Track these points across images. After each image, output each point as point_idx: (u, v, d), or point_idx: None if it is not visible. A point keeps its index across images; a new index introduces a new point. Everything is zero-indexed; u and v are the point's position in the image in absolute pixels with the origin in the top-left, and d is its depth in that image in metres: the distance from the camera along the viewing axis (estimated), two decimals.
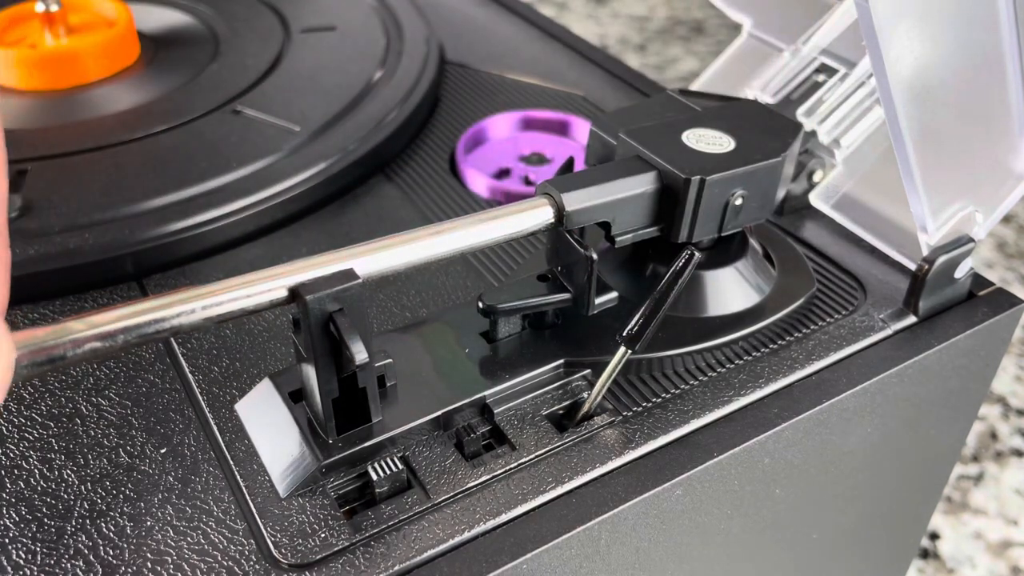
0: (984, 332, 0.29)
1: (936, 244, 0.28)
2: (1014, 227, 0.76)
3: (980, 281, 0.30)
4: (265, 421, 0.24)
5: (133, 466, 0.23)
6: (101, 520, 0.22)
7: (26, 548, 0.21)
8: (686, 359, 0.26)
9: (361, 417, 0.23)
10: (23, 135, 0.36)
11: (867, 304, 0.29)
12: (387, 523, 0.21)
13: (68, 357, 0.18)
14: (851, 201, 0.32)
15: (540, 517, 0.22)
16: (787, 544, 0.30)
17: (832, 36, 0.34)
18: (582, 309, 0.25)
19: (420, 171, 0.36)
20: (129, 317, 0.18)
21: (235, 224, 0.31)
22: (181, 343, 0.27)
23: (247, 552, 0.21)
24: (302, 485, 0.22)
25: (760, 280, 0.28)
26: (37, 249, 0.29)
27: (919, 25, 0.24)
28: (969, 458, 0.56)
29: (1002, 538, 0.52)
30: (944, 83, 0.25)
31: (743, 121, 0.27)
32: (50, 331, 0.18)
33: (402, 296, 0.29)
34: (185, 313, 0.19)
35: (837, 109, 0.32)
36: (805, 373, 0.26)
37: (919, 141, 0.25)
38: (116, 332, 0.18)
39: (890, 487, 0.32)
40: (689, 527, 0.25)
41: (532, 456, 0.23)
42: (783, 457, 0.26)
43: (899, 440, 0.30)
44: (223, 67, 0.41)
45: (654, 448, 0.24)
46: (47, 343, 0.17)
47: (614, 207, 0.24)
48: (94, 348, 0.18)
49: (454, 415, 0.24)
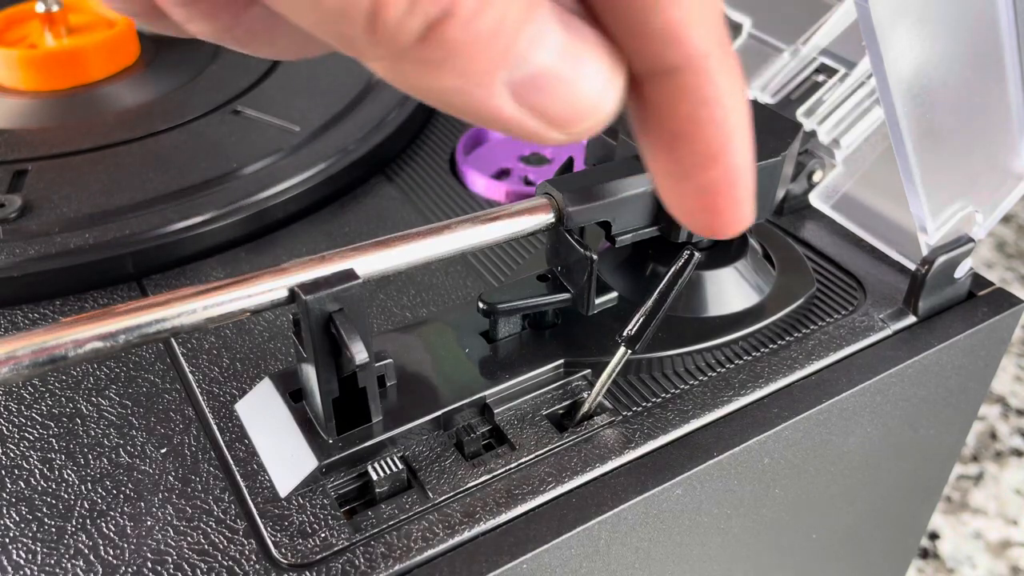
0: (984, 332, 0.29)
1: (936, 244, 0.28)
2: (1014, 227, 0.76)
3: (980, 281, 0.30)
4: (265, 421, 0.24)
5: (133, 466, 0.23)
6: (101, 520, 0.22)
7: (26, 548, 0.21)
8: (686, 359, 0.26)
9: (361, 417, 0.23)
10: (23, 135, 0.36)
11: (867, 304, 0.29)
12: (387, 523, 0.22)
13: (69, 357, 0.18)
14: (851, 201, 0.32)
15: (540, 517, 0.22)
16: (787, 544, 0.30)
17: (832, 36, 0.34)
18: (582, 309, 0.25)
19: (420, 171, 0.36)
20: (130, 317, 0.18)
21: (235, 224, 0.31)
22: (181, 343, 0.27)
23: (247, 552, 0.21)
24: (302, 485, 0.22)
25: (760, 280, 0.28)
26: (37, 249, 0.29)
27: (919, 25, 0.24)
28: (969, 458, 0.56)
29: (1002, 538, 0.52)
30: (944, 83, 0.25)
31: None
32: (51, 331, 0.18)
33: (402, 296, 0.29)
34: (186, 313, 0.19)
35: (837, 109, 0.32)
36: (805, 373, 0.26)
37: (919, 141, 0.25)
38: (117, 332, 0.18)
39: (890, 487, 0.32)
40: (689, 527, 0.25)
41: (532, 456, 0.23)
42: (783, 457, 0.26)
43: (899, 440, 0.30)
44: (223, 67, 0.41)
45: (654, 448, 0.24)
46: (48, 343, 0.17)
47: (614, 207, 0.24)
48: (95, 348, 0.18)
49: (454, 415, 0.24)
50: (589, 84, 0.17)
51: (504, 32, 0.16)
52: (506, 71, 0.16)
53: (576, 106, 0.17)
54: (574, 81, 0.17)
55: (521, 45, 0.16)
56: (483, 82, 0.16)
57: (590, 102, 0.17)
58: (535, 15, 0.16)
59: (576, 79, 0.17)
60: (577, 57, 0.17)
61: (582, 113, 0.17)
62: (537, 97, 0.17)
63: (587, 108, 0.17)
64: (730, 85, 0.18)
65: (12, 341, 0.17)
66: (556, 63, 0.16)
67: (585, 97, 0.17)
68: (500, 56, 0.16)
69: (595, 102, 0.17)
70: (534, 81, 0.16)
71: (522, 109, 0.17)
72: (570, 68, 0.17)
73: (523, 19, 0.16)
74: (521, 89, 0.16)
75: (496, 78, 0.16)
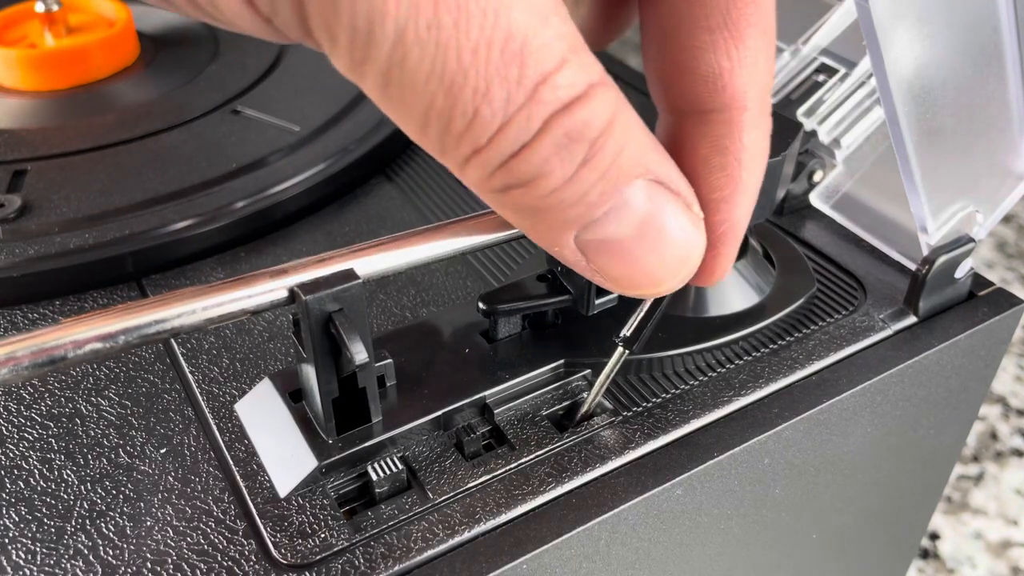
0: (984, 332, 0.29)
1: (936, 244, 0.28)
2: (1014, 227, 0.76)
3: (980, 281, 0.30)
4: (265, 421, 0.24)
5: (133, 466, 0.23)
6: (101, 520, 0.22)
7: (26, 548, 0.21)
8: (686, 359, 0.26)
9: (361, 417, 0.23)
10: (23, 135, 0.36)
11: (867, 304, 0.29)
12: (387, 523, 0.21)
13: (69, 358, 0.18)
14: (851, 201, 0.32)
15: (540, 517, 0.22)
16: (787, 544, 0.30)
17: (832, 36, 0.34)
18: (582, 310, 0.25)
19: (420, 171, 0.36)
20: (129, 318, 0.18)
21: (235, 224, 0.31)
22: (181, 343, 0.27)
23: (247, 552, 0.21)
24: (302, 485, 0.22)
25: (760, 280, 0.28)
26: (37, 249, 0.29)
27: (919, 25, 0.24)
28: (969, 458, 0.56)
29: (1002, 538, 0.52)
30: (944, 83, 0.25)
31: None
32: (50, 331, 0.18)
33: (402, 296, 0.29)
34: (186, 314, 0.19)
35: (837, 109, 0.32)
36: (805, 373, 0.26)
37: (919, 141, 0.25)
38: (117, 333, 0.18)
39: (890, 487, 0.32)
40: (689, 527, 0.25)
41: (532, 456, 0.23)
42: (783, 457, 0.26)
43: (899, 440, 0.30)
44: (223, 67, 0.41)
45: (654, 448, 0.24)
46: (47, 344, 0.17)
47: None
48: (95, 349, 0.18)
49: (454, 415, 0.24)
50: (658, 263, 0.17)
51: (585, 203, 0.15)
52: (577, 231, 0.16)
53: (637, 280, 0.17)
54: (642, 259, 0.16)
55: (597, 214, 0.16)
56: (551, 229, 0.16)
57: (654, 278, 0.17)
58: (621, 185, 0.16)
59: (645, 257, 0.16)
60: (656, 235, 0.16)
61: (642, 285, 0.17)
62: (602, 261, 0.16)
63: (649, 283, 0.17)
64: (754, 144, 0.18)
65: (11, 342, 0.17)
66: (629, 238, 0.16)
67: (651, 274, 0.17)
68: (572, 222, 0.16)
69: (659, 279, 0.17)
70: (604, 246, 0.16)
71: (587, 263, 0.16)
72: (643, 246, 0.16)
73: (609, 192, 0.15)
74: (589, 249, 0.16)
75: (565, 234, 0.16)
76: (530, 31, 0.14)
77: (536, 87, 0.14)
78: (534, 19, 0.14)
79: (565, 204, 0.15)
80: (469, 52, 0.14)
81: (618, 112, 0.15)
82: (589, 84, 0.15)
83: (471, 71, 0.14)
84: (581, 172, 0.15)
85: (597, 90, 0.15)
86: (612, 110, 0.15)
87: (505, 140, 0.15)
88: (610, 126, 0.15)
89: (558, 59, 0.14)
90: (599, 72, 0.15)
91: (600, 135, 0.15)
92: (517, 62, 0.14)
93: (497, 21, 0.14)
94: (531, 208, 0.16)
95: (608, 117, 0.15)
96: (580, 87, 0.15)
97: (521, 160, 0.15)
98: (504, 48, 0.14)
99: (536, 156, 0.15)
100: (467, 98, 0.14)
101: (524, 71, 0.14)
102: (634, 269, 0.16)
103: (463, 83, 0.14)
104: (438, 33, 0.13)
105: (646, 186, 0.16)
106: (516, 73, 0.14)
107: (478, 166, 0.15)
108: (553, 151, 0.15)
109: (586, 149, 0.15)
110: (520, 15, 0.14)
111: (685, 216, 0.17)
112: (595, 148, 0.15)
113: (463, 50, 0.14)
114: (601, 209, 0.16)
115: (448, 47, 0.14)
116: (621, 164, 0.15)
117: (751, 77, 0.17)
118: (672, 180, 0.16)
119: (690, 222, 0.17)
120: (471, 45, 0.14)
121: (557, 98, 0.14)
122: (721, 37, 0.17)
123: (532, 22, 0.14)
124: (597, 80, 0.15)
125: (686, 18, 0.17)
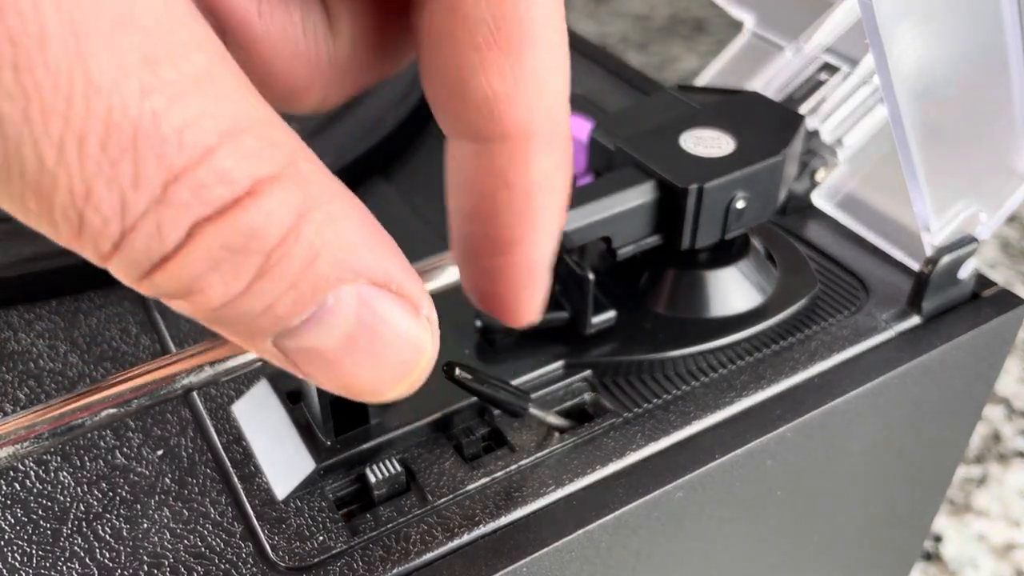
0: (988, 333, 0.29)
1: (940, 244, 0.28)
2: (1018, 227, 0.75)
3: (984, 282, 0.30)
4: (262, 423, 0.24)
5: (129, 468, 0.23)
6: (97, 522, 0.22)
7: (22, 551, 0.21)
8: (687, 360, 0.26)
9: (359, 419, 0.23)
10: None
11: (870, 304, 0.28)
12: (386, 526, 0.21)
13: (86, 425, 0.17)
14: (854, 201, 0.32)
15: (540, 520, 0.22)
16: (789, 547, 0.29)
17: (835, 34, 0.34)
18: (580, 328, 0.25)
19: (420, 171, 0.35)
20: (143, 380, 0.18)
21: None
22: (177, 343, 0.27)
23: (244, 555, 0.21)
24: (300, 487, 0.22)
25: (762, 280, 0.28)
26: (36, 249, 0.29)
27: (922, 23, 0.23)
28: (972, 460, 0.56)
29: (1006, 540, 0.51)
30: (948, 81, 0.25)
31: (744, 116, 0.27)
32: (67, 402, 0.17)
33: None
34: (195, 371, 0.19)
35: (840, 108, 0.32)
36: (808, 374, 0.26)
37: (922, 140, 0.25)
38: (131, 398, 0.18)
39: (893, 489, 0.32)
40: (690, 530, 0.24)
41: (532, 458, 0.23)
42: (785, 459, 0.25)
43: (902, 442, 0.30)
44: None
45: (655, 450, 0.24)
46: (65, 412, 0.17)
47: (613, 222, 0.24)
48: (111, 414, 0.18)
49: (453, 417, 0.24)
50: (374, 374, 0.14)
51: (271, 315, 0.12)
52: (271, 339, 0.13)
53: (354, 390, 0.14)
54: (353, 369, 0.14)
55: (291, 324, 0.13)
56: (238, 336, 0.13)
57: (371, 389, 0.14)
58: (320, 295, 0.13)
59: (357, 367, 0.14)
60: (370, 344, 0.13)
61: (361, 394, 0.14)
62: (309, 369, 0.13)
63: (367, 393, 0.14)
64: (545, 176, 0.15)
65: (31, 414, 0.17)
66: (334, 349, 0.13)
67: (366, 385, 0.14)
68: (261, 331, 0.13)
69: (378, 390, 0.14)
70: (307, 355, 0.13)
71: (291, 364, 0.14)
72: (353, 357, 0.13)
73: (304, 302, 0.12)
74: (291, 355, 0.13)
75: (257, 341, 0.13)
76: (152, 113, 0.11)
77: (166, 187, 0.11)
78: (163, 93, 0.11)
79: (245, 317, 0.12)
80: (53, 150, 0.10)
81: (308, 210, 0.12)
82: (255, 179, 0.12)
83: (60, 173, 0.11)
84: (258, 284, 0.12)
85: (269, 186, 0.12)
86: (295, 210, 0.12)
87: (133, 251, 0.11)
88: (294, 231, 0.12)
89: (202, 148, 0.11)
90: (279, 157, 0.12)
91: (280, 243, 0.12)
92: (129, 157, 0.11)
93: (90, 108, 0.10)
94: (204, 317, 0.13)
95: (289, 221, 0.12)
96: (241, 184, 0.11)
97: (166, 275, 0.12)
98: (106, 141, 0.10)
99: (185, 272, 0.12)
100: (64, 203, 0.11)
101: (141, 167, 0.11)
102: (347, 380, 0.14)
103: (53, 186, 0.11)
104: (2, 127, 0.10)
105: (357, 291, 0.13)
106: (130, 171, 0.11)
107: (117, 271, 0.12)
108: (209, 266, 0.12)
109: (260, 261, 0.12)
110: (132, 89, 0.10)
111: (410, 320, 0.14)
112: (273, 260, 0.12)
113: (42, 148, 0.10)
114: (296, 319, 0.13)
115: (21, 144, 0.10)
116: (319, 271, 0.12)
117: (534, 100, 0.14)
118: (393, 279, 0.13)
119: (417, 326, 0.14)
120: (53, 142, 0.10)
121: (203, 201, 0.11)
122: (491, 56, 0.14)
123: (157, 100, 0.11)
124: (271, 172, 0.12)
125: (447, 33, 0.14)
